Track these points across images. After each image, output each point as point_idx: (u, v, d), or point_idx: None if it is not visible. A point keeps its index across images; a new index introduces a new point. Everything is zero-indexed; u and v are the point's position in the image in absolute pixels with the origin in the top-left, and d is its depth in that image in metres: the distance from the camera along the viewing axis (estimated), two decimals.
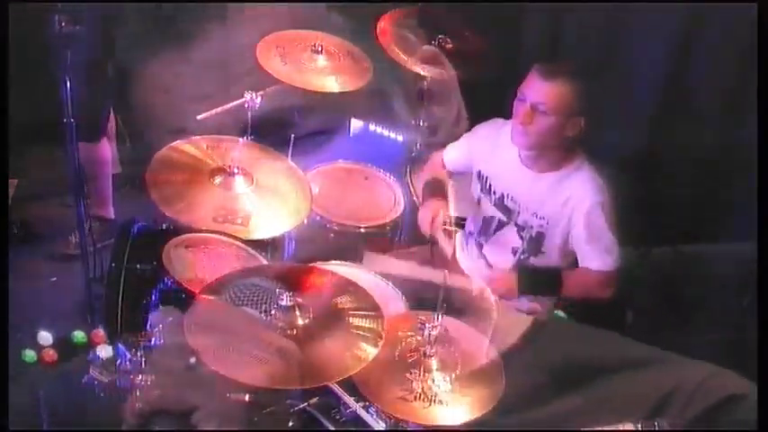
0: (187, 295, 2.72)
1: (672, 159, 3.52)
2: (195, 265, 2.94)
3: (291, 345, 2.22)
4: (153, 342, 2.61)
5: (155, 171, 2.73)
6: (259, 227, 2.72)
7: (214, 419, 2.46)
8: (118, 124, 4.20)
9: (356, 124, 4.20)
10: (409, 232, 3.34)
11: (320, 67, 3.23)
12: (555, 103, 2.69)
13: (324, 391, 2.49)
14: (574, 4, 3.65)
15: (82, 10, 3.24)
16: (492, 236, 2.99)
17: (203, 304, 2.35)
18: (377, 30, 3.50)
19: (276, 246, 3.09)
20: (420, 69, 3.51)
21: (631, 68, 3.58)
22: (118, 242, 3.27)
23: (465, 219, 3.06)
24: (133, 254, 3.16)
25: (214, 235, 3.01)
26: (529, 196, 2.86)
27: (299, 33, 3.34)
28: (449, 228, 2.85)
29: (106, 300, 3.29)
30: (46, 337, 3.34)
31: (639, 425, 2.36)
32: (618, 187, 2.82)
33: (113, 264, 3.23)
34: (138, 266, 3.13)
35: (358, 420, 2.46)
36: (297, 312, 2.28)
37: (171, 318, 2.67)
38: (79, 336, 3.37)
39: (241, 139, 2.90)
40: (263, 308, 2.28)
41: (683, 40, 3.47)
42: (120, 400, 2.58)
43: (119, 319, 3.13)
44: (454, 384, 2.28)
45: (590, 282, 2.84)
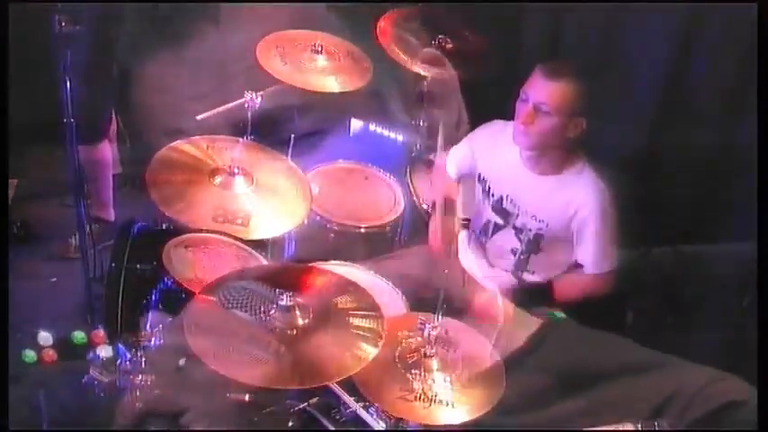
0: (187, 295, 2.72)
1: (672, 159, 3.51)
2: (195, 265, 2.95)
3: (291, 345, 2.21)
4: (153, 342, 2.60)
5: (155, 171, 2.73)
6: (259, 227, 2.72)
7: (205, 420, 2.45)
8: (119, 125, 4.20)
9: (356, 124, 4.19)
10: (409, 232, 3.34)
11: (320, 67, 3.23)
12: (558, 104, 2.69)
13: (324, 391, 2.48)
14: (574, 4, 3.64)
15: (82, 10, 3.24)
16: (490, 238, 3.00)
17: (203, 304, 2.34)
18: (377, 30, 3.50)
19: (276, 246, 3.09)
20: (420, 69, 3.51)
21: (631, 68, 3.57)
22: (118, 242, 3.27)
23: (469, 219, 3.07)
24: (133, 254, 3.15)
25: (214, 235, 3.02)
26: (529, 198, 2.86)
27: (299, 33, 3.34)
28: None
29: (106, 300, 3.29)
30: (46, 338, 3.34)
31: (639, 425, 2.36)
32: (618, 187, 2.82)
33: (113, 264, 3.23)
34: (138, 266, 3.12)
35: (358, 420, 2.45)
36: (297, 312, 2.27)
37: (170, 318, 2.67)
38: (79, 336, 3.37)
39: (241, 139, 2.90)
40: (264, 308, 2.27)
41: (683, 40, 3.46)
42: (120, 401, 2.58)
43: (119, 320, 3.13)
44: (455, 385, 2.28)
45: (586, 284, 2.86)
